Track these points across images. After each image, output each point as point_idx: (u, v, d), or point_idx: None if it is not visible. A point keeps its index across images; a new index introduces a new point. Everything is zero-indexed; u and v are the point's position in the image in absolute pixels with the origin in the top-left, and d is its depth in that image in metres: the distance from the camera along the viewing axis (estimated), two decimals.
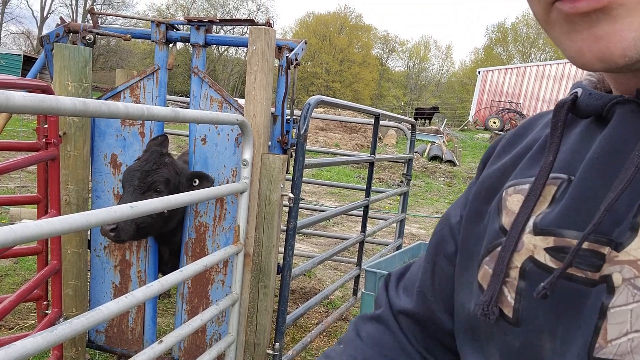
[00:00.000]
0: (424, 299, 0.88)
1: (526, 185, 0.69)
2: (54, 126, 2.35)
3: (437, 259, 0.87)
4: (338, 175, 12.51)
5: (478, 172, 0.87)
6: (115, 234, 2.31)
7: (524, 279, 0.64)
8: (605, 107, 0.59)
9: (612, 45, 0.48)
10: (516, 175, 0.73)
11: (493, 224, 0.73)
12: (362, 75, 56.36)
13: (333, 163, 3.32)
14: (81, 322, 1.47)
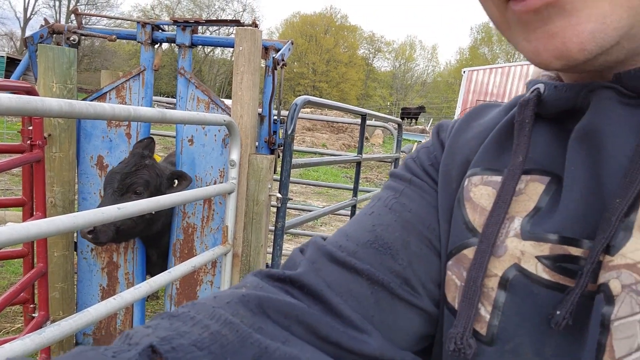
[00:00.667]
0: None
1: (495, 177, 0.61)
2: (38, 128, 2.33)
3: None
4: (325, 175, 12.52)
5: (436, 143, 0.75)
6: (93, 236, 2.30)
7: (504, 290, 0.54)
8: (579, 97, 0.54)
9: (567, 41, 0.46)
10: (478, 163, 0.64)
11: (455, 218, 0.63)
12: (348, 76, 56.52)
13: (320, 163, 3.32)
14: (69, 325, 1.47)
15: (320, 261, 0.64)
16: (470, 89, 29.77)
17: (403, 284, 0.62)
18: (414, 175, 0.73)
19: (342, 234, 0.68)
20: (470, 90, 29.76)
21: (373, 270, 0.62)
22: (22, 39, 3.10)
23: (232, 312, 0.51)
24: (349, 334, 0.57)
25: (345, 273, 0.62)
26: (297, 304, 0.56)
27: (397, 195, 0.71)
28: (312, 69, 55.56)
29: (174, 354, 0.42)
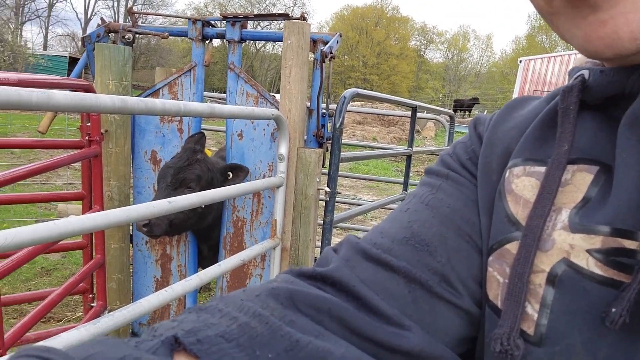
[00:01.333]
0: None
1: (539, 167, 0.58)
2: (96, 124, 2.42)
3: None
4: (376, 169, 12.43)
5: (474, 136, 0.72)
6: (148, 229, 2.36)
7: (553, 286, 0.51)
8: (629, 81, 0.51)
9: (618, 29, 0.44)
10: (519, 153, 0.61)
11: (496, 211, 0.61)
12: (399, 68, 55.82)
13: (370, 156, 3.28)
14: (123, 315, 1.51)
15: (354, 259, 0.61)
16: (527, 79, 28.74)
17: (442, 282, 0.59)
18: (451, 170, 0.69)
19: (376, 232, 0.65)
20: (527, 80, 28.73)
21: (410, 267, 0.59)
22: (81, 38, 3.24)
23: (262, 304, 0.49)
24: (386, 328, 0.54)
25: (380, 270, 0.59)
26: (329, 298, 0.54)
27: (434, 191, 0.68)
28: (363, 61, 55.22)
29: (199, 345, 0.40)
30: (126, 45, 2.76)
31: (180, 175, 2.48)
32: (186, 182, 2.48)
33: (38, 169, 2.02)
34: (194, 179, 2.50)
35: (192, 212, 2.51)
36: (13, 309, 3.50)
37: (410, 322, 0.56)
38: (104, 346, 0.35)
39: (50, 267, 4.38)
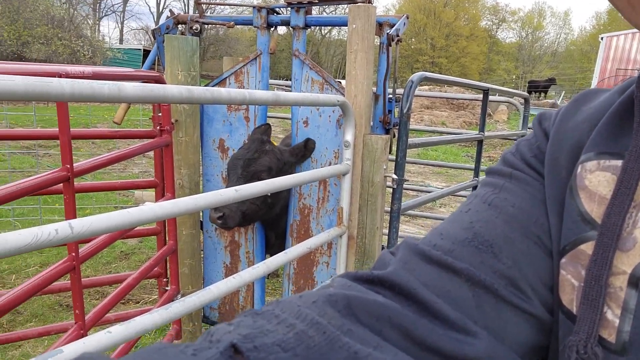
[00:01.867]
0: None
1: (615, 161, 0.53)
2: (166, 114, 2.49)
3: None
4: (445, 155, 12.13)
5: (539, 132, 0.67)
6: (223, 221, 2.41)
7: (636, 289, 0.47)
8: None
9: None
10: (592, 147, 0.56)
11: (568, 209, 0.56)
12: (469, 49, 53.93)
13: (438, 142, 3.18)
14: (193, 301, 1.54)
15: (413, 261, 0.57)
16: (609, 57, 26.90)
17: (509, 286, 0.54)
18: (514, 169, 0.64)
19: (435, 233, 0.61)
20: (609, 58, 26.90)
21: (473, 270, 0.54)
22: (151, 31, 3.37)
23: (319, 312, 0.47)
24: (450, 335, 0.50)
25: (441, 273, 0.55)
26: (389, 304, 0.50)
27: (497, 190, 0.63)
28: (431, 44, 53.81)
29: (256, 353, 0.39)
30: (194, 35, 2.81)
31: (252, 168, 2.51)
32: (257, 174, 2.50)
33: (114, 158, 2.11)
34: (265, 170, 2.51)
35: (262, 203, 2.54)
36: (95, 291, 3.72)
37: (477, 328, 0.51)
38: (161, 355, 0.34)
39: (128, 251, 4.61)
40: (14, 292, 1.55)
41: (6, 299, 1.49)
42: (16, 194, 1.53)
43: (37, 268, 4.13)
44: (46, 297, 3.57)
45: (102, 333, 1.22)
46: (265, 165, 2.52)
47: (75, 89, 1.15)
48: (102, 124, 11.64)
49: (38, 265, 4.17)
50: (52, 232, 1.09)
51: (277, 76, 34.77)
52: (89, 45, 22.48)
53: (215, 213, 2.39)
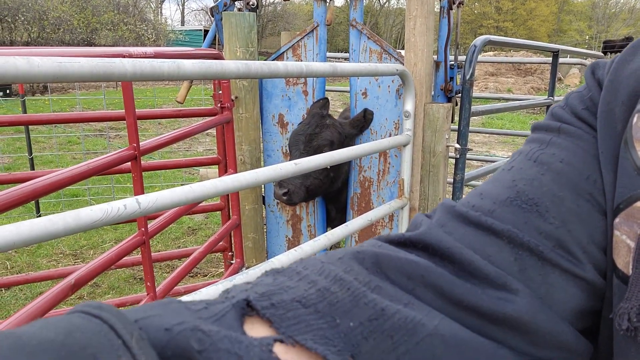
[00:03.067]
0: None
1: None
2: (226, 91, 2.52)
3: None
4: (511, 123, 11.66)
5: (591, 82, 0.60)
6: (288, 198, 2.43)
7: None
8: None
9: None
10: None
11: (623, 164, 0.51)
12: (538, 11, 51.06)
13: (504, 109, 3.04)
14: (256, 273, 1.57)
15: (450, 224, 0.52)
16: None
17: (556, 248, 0.49)
18: (563, 123, 0.58)
19: (475, 194, 0.56)
20: None
21: (516, 231, 0.49)
22: (209, 9, 3.40)
23: (345, 268, 0.44)
24: (489, 293, 0.46)
25: (481, 235, 0.50)
26: (422, 262, 0.46)
27: (543, 146, 0.57)
28: (496, 7, 51.37)
29: (273, 310, 0.37)
30: (251, 11, 2.81)
31: (314, 143, 2.51)
32: (320, 148, 2.50)
33: (177, 136, 2.17)
34: (327, 144, 2.51)
35: (325, 177, 2.54)
36: (165, 265, 3.89)
37: (519, 285, 0.47)
38: (164, 309, 0.33)
39: (195, 227, 4.78)
40: (91, 264, 1.64)
41: (85, 271, 1.58)
42: (87, 172, 1.61)
43: (112, 244, 4.37)
44: (121, 270, 3.77)
45: None
46: (327, 139, 2.51)
47: (136, 67, 1.18)
48: (167, 105, 12.04)
49: (113, 241, 4.41)
50: (120, 207, 1.14)
51: (335, 49, 34.47)
52: (152, 29, 23.18)
53: (280, 189, 2.42)
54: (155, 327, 0.31)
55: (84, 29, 19.54)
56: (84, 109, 10.89)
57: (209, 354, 0.31)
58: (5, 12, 16.72)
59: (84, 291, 3.51)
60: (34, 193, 1.38)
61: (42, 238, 0.98)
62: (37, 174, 2.22)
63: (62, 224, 1.02)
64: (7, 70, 0.92)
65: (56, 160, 7.10)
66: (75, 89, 12.39)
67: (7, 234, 0.91)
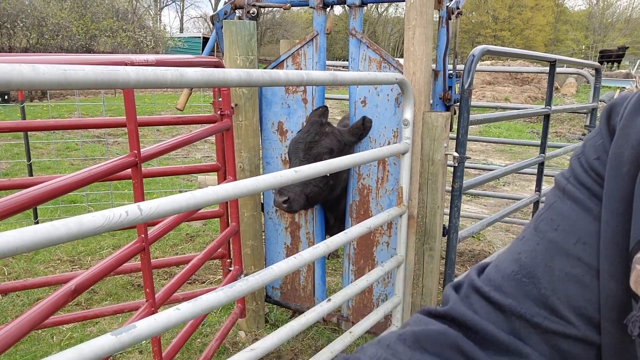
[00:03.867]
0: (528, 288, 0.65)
1: None
2: (226, 99, 2.53)
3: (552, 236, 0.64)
4: (508, 132, 11.70)
5: (604, 130, 0.66)
6: (288, 205, 2.44)
7: None
8: None
9: None
10: None
11: (638, 202, 0.56)
12: (534, 21, 51.32)
13: (501, 118, 3.06)
14: (256, 280, 1.58)
15: (472, 297, 0.66)
16: None
17: (550, 315, 0.59)
18: (569, 182, 0.66)
19: (494, 264, 0.69)
20: None
21: (515, 305, 0.61)
22: (210, 17, 3.41)
23: (392, 352, 0.57)
24: (503, 358, 0.59)
25: (492, 308, 0.63)
26: (451, 332, 0.60)
27: (547, 210, 0.67)
28: (493, 16, 51.62)
29: None
30: (251, 20, 2.83)
31: (314, 151, 2.52)
32: (320, 155, 2.51)
33: (177, 143, 2.18)
34: (327, 152, 2.52)
35: (325, 185, 2.56)
36: (163, 271, 3.89)
37: (529, 349, 0.58)
38: None
39: (193, 234, 4.78)
40: (91, 270, 1.64)
41: (85, 277, 1.58)
42: (89, 179, 1.61)
43: (110, 250, 4.36)
44: (119, 277, 3.77)
45: (171, 310, 1.27)
46: (326, 147, 2.52)
47: (140, 75, 1.19)
48: (165, 111, 12.05)
49: (111, 248, 4.41)
50: (122, 214, 1.14)
51: (333, 57, 34.58)
52: (151, 36, 23.20)
53: (281, 197, 2.42)
54: None
55: (82, 35, 19.57)
56: (83, 115, 10.89)
57: None
58: (4, 18, 16.74)
59: (82, 298, 3.51)
60: (34, 199, 1.39)
61: (45, 244, 0.99)
62: (36, 180, 2.22)
63: (64, 230, 1.03)
64: (12, 78, 0.93)
65: (54, 166, 7.10)
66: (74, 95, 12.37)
67: (11, 239, 0.92)
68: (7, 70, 0.92)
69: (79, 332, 3.11)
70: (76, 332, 3.10)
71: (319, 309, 1.92)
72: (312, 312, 1.89)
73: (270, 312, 3.29)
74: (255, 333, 3.06)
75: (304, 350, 2.92)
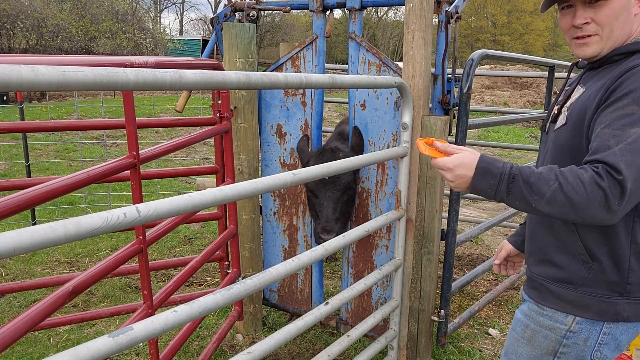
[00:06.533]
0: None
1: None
2: (225, 101, 2.53)
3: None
4: (507, 136, 11.71)
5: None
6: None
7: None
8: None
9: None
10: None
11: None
12: (533, 25, 51.41)
13: (500, 122, 3.07)
14: (253, 283, 1.58)
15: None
16: None
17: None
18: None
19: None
20: None
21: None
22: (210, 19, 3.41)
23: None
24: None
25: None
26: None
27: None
28: (492, 21, 51.72)
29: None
30: (251, 22, 2.84)
31: (340, 181, 2.55)
32: (347, 184, 2.57)
33: (176, 144, 2.18)
34: (352, 175, 2.59)
35: (352, 205, 2.69)
36: (161, 273, 3.88)
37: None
38: None
39: (191, 236, 4.78)
40: (89, 272, 1.64)
41: (83, 279, 1.57)
42: (87, 180, 1.61)
43: (107, 252, 4.35)
44: (117, 279, 3.76)
45: (169, 312, 1.27)
46: (349, 173, 2.55)
47: (139, 77, 1.19)
48: (164, 113, 12.05)
49: (109, 250, 4.40)
50: (120, 215, 1.14)
51: (333, 60, 34.60)
52: (150, 38, 23.19)
53: (329, 235, 2.42)
54: None
55: (82, 36, 19.56)
56: (82, 117, 10.88)
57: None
58: (4, 19, 16.73)
59: (79, 299, 3.50)
60: (32, 200, 1.39)
61: (43, 245, 0.99)
62: (34, 181, 2.22)
63: (62, 231, 1.03)
64: (12, 78, 0.93)
65: (52, 168, 7.09)
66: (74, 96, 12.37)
67: (9, 240, 0.91)
68: (6, 71, 0.92)
69: (76, 334, 3.10)
70: (73, 334, 3.10)
71: (316, 312, 1.91)
72: (310, 315, 1.88)
73: (268, 314, 3.28)
74: (252, 336, 3.05)
75: (301, 353, 2.92)
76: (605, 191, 1.20)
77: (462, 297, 3.71)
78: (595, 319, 1.41)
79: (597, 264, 1.39)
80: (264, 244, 3.08)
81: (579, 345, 1.44)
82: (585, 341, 1.43)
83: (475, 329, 3.30)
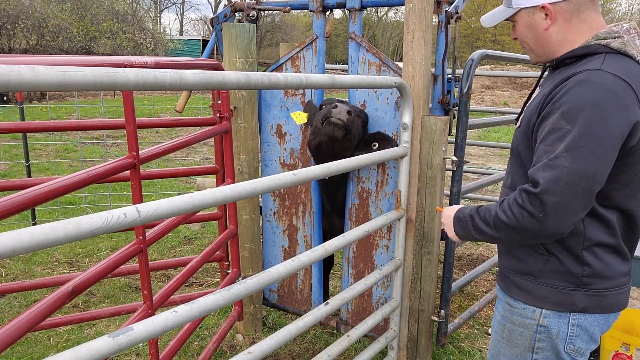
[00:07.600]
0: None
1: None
2: (225, 101, 2.53)
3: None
4: (507, 136, 11.69)
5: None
6: (342, 125, 2.37)
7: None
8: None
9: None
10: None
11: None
12: None
13: (500, 122, 3.07)
14: (253, 283, 1.58)
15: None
16: None
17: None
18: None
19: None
20: None
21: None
22: (210, 20, 3.41)
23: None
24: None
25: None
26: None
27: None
28: None
29: None
30: (251, 22, 2.84)
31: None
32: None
33: (176, 145, 2.18)
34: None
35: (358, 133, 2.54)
36: (161, 274, 3.88)
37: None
38: None
39: (191, 236, 4.78)
40: (89, 272, 1.64)
41: (83, 279, 1.57)
42: (87, 180, 1.61)
43: (107, 252, 4.35)
44: (117, 279, 3.76)
45: (169, 312, 1.27)
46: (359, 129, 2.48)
47: (139, 77, 1.19)
48: (165, 113, 12.05)
49: (109, 250, 4.40)
50: (120, 215, 1.14)
51: (333, 61, 34.59)
52: (151, 38, 23.19)
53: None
54: None
55: (82, 37, 19.57)
56: (82, 117, 10.88)
57: None
58: (4, 19, 16.73)
59: (79, 299, 3.50)
60: (33, 201, 1.39)
61: (43, 245, 0.99)
62: (34, 181, 2.22)
63: (62, 232, 1.03)
64: (12, 79, 0.93)
65: (53, 168, 7.09)
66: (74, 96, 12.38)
67: (9, 240, 0.91)
68: (6, 71, 0.92)
69: (76, 334, 3.10)
70: (73, 334, 3.10)
71: (316, 312, 1.91)
72: (310, 315, 1.88)
73: (268, 315, 3.28)
74: (252, 336, 3.05)
75: (301, 353, 2.92)
76: (525, 206, 1.34)
77: (462, 297, 3.71)
78: (555, 310, 1.47)
79: (553, 257, 1.47)
80: (263, 244, 3.08)
81: (551, 340, 1.50)
82: (557, 335, 1.49)
83: (475, 329, 3.30)
